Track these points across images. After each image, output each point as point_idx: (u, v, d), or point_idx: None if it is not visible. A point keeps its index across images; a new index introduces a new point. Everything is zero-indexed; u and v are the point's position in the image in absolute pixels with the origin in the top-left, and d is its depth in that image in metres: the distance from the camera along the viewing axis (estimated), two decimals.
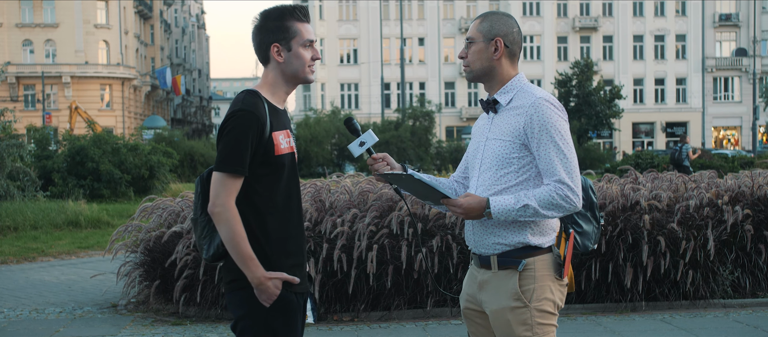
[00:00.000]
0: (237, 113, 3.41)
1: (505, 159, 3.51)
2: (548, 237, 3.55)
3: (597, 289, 8.43)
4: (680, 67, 69.30)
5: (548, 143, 3.43)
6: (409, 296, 8.25)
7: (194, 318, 8.34)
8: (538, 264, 3.51)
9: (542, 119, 3.43)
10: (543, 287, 3.51)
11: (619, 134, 66.06)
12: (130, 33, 71.19)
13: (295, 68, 3.57)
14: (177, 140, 39.26)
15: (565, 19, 69.01)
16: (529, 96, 3.51)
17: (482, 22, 3.62)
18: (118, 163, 24.06)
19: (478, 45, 3.60)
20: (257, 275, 3.42)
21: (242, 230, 3.41)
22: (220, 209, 3.40)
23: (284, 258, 3.53)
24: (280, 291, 3.46)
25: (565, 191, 3.41)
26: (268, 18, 3.55)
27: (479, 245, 3.60)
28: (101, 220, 17.33)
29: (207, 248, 3.56)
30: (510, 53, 3.61)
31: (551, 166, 3.43)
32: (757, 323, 7.86)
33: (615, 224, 8.42)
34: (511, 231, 3.51)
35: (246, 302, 3.49)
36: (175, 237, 8.49)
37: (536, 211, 3.40)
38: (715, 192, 8.91)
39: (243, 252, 3.41)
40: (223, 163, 3.40)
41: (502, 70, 3.61)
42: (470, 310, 3.72)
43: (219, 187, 3.41)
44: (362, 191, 8.68)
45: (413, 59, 68.18)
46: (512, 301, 3.50)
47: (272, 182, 3.51)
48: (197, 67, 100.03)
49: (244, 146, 3.39)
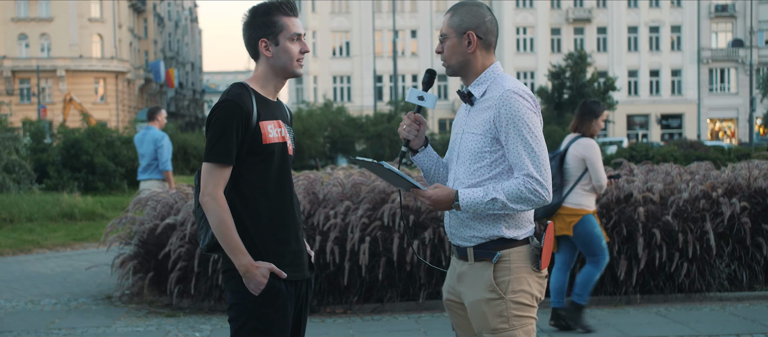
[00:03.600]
0: (221, 104, 3.51)
1: (478, 153, 3.50)
2: (524, 230, 3.54)
3: None
4: (675, 59, 69.28)
5: (516, 137, 3.41)
6: (401, 288, 8.26)
7: (188, 310, 8.34)
8: (513, 256, 3.50)
9: (510, 112, 3.41)
10: (519, 279, 3.50)
11: (613, 126, 66.06)
12: (124, 27, 71.18)
13: (283, 62, 3.63)
14: (170, 133, 39.17)
15: (559, 10, 68.92)
16: (499, 88, 3.48)
17: (452, 17, 3.58)
18: (113, 156, 24.01)
19: (451, 40, 3.58)
20: (244, 262, 3.49)
21: (230, 219, 3.48)
22: (208, 198, 3.48)
23: (276, 245, 3.58)
24: (267, 280, 3.51)
25: (534, 185, 3.39)
26: (256, 14, 3.63)
27: (456, 237, 3.61)
28: (96, 212, 17.31)
29: (203, 237, 3.65)
30: (484, 44, 3.58)
31: (520, 159, 3.41)
32: (754, 317, 7.84)
33: (609, 217, 8.42)
34: (486, 224, 3.51)
35: (236, 290, 3.56)
36: (168, 229, 8.48)
37: (504, 204, 3.39)
38: (711, 184, 8.87)
39: (230, 240, 3.48)
40: (209, 154, 3.49)
41: (477, 62, 3.58)
42: (452, 301, 3.73)
43: (207, 177, 3.50)
44: (355, 183, 8.68)
45: (406, 52, 68.07)
46: (488, 293, 3.49)
47: (262, 171, 3.57)
48: (190, 61, 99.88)
49: (228, 136, 3.47)
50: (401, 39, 67.38)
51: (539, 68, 67.12)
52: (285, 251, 3.61)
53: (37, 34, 65.83)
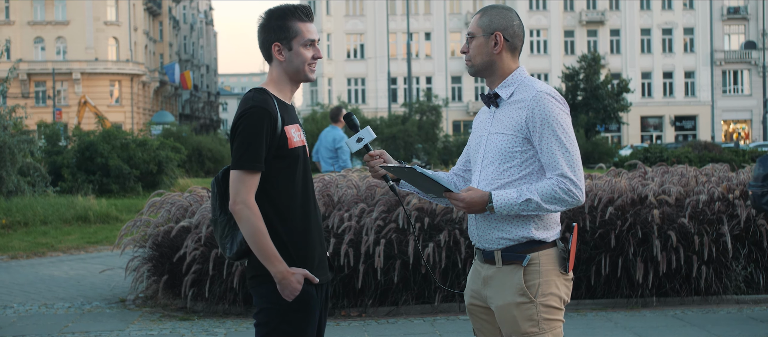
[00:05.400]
0: (249, 111, 3.49)
1: (507, 153, 3.50)
2: (552, 231, 3.55)
3: (607, 284, 8.36)
4: (688, 61, 69.07)
5: (550, 137, 3.42)
6: (416, 291, 8.23)
7: (202, 313, 8.33)
8: (542, 259, 3.50)
9: (544, 113, 3.43)
10: (548, 282, 3.50)
11: (627, 128, 65.87)
12: (140, 29, 71.46)
13: (295, 67, 3.64)
14: (185, 136, 39.24)
15: (572, 13, 68.85)
16: (531, 89, 3.51)
17: (482, 17, 3.63)
18: (127, 159, 24.08)
19: (478, 40, 3.61)
20: (280, 269, 3.49)
21: (263, 226, 3.48)
22: (241, 206, 3.47)
23: (306, 250, 3.60)
24: (302, 286, 3.52)
25: (568, 185, 3.40)
26: (271, 17, 3.64)
27: (483, 240, 3.60)
28: (110, 215, 17.34)
29: (230, 246, 3.63)
30: (510, 47, 3.61)
31: (554, 159, 3.42)
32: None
33: (624, 219, 8.37)
34: (515, 225, 3.50)
35: (268, 296, 3.56)
36: (183, 232, 8.47)
37: (539, 205, 3.39)
38: (727, 186, 8.81)
39: (265, 248, 3.48)
40: (240, 161, 3.47)
41: (502, 64, 3.61)
42: (475, 306, 3.71)
43: (238, 184, 3.48)
44: (370, 185, 8.66)
45: (420, 54, 68.15)
46: (518, 296, 3.49)
47: (289, 176, 3.58)
48: (205, 63, 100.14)
49: (258, 142, 3.47)
50: (415, 41, 67.42)
51: (553, 70, 67.03)
52: (313, 255, 3.63)
53: (53, 37, 66.22)
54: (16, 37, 64.65)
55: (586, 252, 8.26)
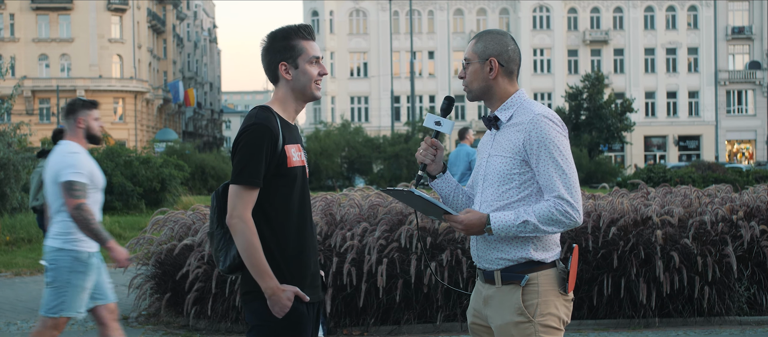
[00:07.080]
0: (251, 127, 3.55)
1: (506, 175, 3.55)
2: (551, 252, 3.59)
3: (609, 304, 8.35)
4: (692, 81, 69.12)
5: (547, 159, 3.46)
6: (418, 310, 8.23)
7: (204, 331, 8.34)
8: (541, 279, 3.53)
9: (541, 135, 3.47)
10: (547, 302, 3.53)
11: (630, 148, 65.86)
12: (144, 47, 71.68)
13: (302, 84, 3.69)
14: (188, 153, 39.31)
15: (576, 32, 68.98)
16: (529, 112, 3.55)
17: (477, 43, 3.68)
18: (131, 176, 24.11)
19: (474, 65, 3.66)
20: (271, 285, 3.52)
21: (257, 241, 3.52)
22: (237, 220, 3.51)
23: (299, 268, 3.64)
24: (292, 303, 3.55)
25: (565, 207, 3.44)
26: (275, 39, 3.70)
27: (483, 260, 3.64)
28: (113, 232, 17.33)
29: (223, 259, 3.68)
30: (506, 71, 3.65)
31: (550, 182, 3.46)
32: None
33: (627, 239, 8.37)
34: (514, 246, 3.54)
35: (260, 312, 3.59)
36: (186, 250, 8.49)
37: (536, 227, 3.44)
38: (730, 207, 8.80)
39: (258, 263, 3.52)
40: (238, 176, 3.53)
41: (499, 89, 3.65)
42: (477, 325, 3.75)
43: (235, 199, 3.53)
44: (372, 204, 8.68)
45: (423, 72, 68.26)
46: (516, 316, 3.52)
47: (286, 194, 3.62)
48: (209, 81, 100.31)
49: (258, 159, 3.52)
50: (419, 60, 67.54)
51: (556, 89, 67.08)
52: (306, 274, 3.67)
53: (57, 54, 66.42)
54: (20, 55, 64.99)
55: (588, 272, 8.25)
